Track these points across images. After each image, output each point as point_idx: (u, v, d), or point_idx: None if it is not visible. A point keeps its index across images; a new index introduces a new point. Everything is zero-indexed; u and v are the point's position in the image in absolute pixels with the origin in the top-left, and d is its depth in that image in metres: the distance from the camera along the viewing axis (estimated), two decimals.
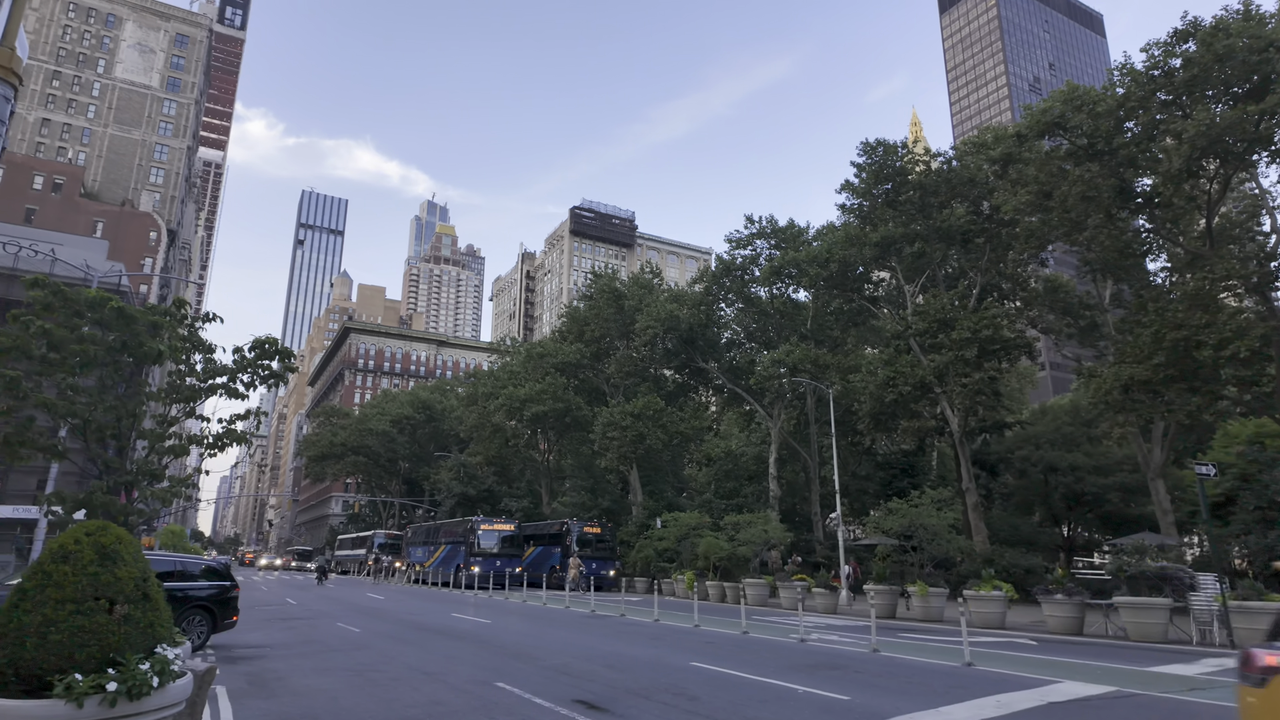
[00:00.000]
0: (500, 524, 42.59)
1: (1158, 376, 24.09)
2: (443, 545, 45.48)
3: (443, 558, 44.57)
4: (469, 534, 41.20)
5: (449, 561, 43.04)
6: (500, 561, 39.67)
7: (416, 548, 51.63)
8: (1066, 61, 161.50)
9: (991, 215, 33.27)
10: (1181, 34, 24.27)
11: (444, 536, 46.38)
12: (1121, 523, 38.19)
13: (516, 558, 41.35)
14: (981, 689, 9.94)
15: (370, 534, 66.77)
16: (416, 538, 53.03)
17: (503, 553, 40.78)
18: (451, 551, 43.40)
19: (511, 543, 42.01)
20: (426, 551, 48.22)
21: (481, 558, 39.67)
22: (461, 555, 41.19)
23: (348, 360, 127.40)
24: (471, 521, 41.81)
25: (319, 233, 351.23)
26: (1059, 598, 18.95)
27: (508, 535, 42.10)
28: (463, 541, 41.80)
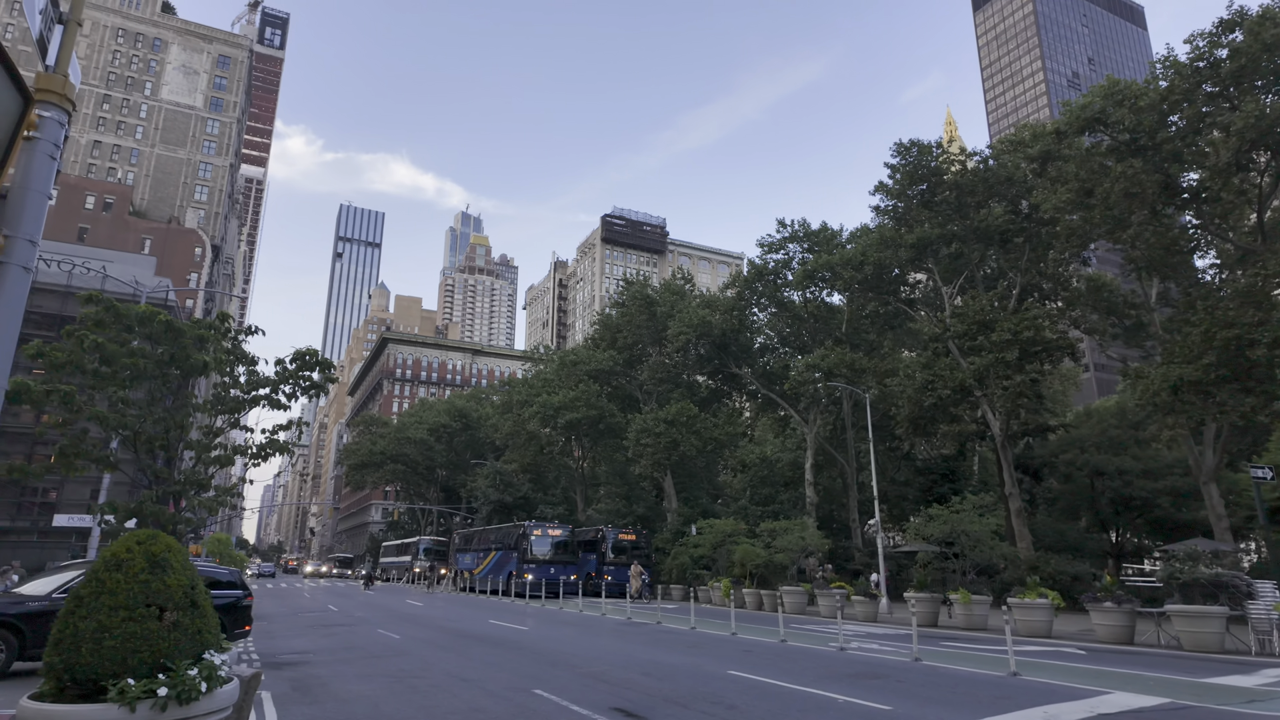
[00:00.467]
0: (554, 529, 40.85)
1: (1209, 377, 23.30)
2: (493, 551, 43.64)
3: (493, 565, 42.96)
4: (521, 539, 39.28)
5: (500, 568, 41.56)
6: (554, 569, 38.08)
7: (464, 554, 49.90)
8: (1106, 56, 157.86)
9: (1030, 214, 32.58)
10: (1227, 24, 23.55)
11: (494, 542, 44.46)
12: (1173, 528, 36.94)
13: (571, 565, 39.48)
14: (1028, 699, 9.69)
15: (415, 540, 65.80)
16: (464, 543, 51.32)
17: (556, 559, 39.08)
18: (503, 558, 41.66)
19: (565, 548, 40.14)
20: (475, 558, 46.59)
21: (534, 564, 38.11)
22: (513, 562, 39.41)
23: (386, 370, 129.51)
24: (524, 526, 39.90)
25: (357, 245, 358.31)
26: (1108, 606, 18.39)
27: (561, 540, 40.24)
28: (514, 547, 40.00)
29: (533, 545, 38.91)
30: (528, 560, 38.24)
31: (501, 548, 42.28)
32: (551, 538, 39.89)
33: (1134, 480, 37.34)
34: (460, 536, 52.91)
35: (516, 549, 39.48)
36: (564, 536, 40.47)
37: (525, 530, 39.38)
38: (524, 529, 39.53)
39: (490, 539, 45.41)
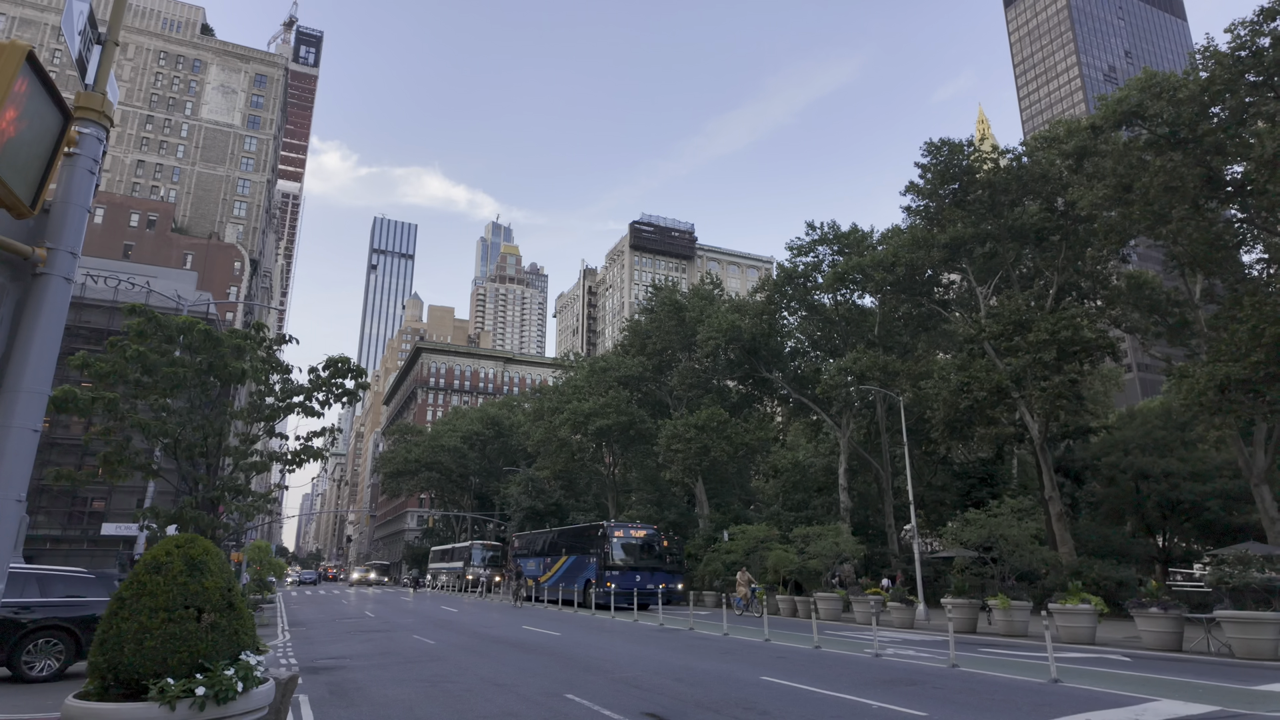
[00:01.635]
0: (637, 529, 36.19)
1: (1257, 375, 22.55)
2: (564, 556, 38.90)
3: (564, 571, 38.24)
4: (601, 541, 34.60)
5: (574, 575, 36.94)
6: (640, 576, 33.46)
7: (527, 559, 44.87)
8: (1143, 48, 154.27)
9: (1067, 211, 31.91)
10: (1269, 12, 22.87)
11: (565, 545, 39.64)
12: (1223, 532, 35.76)
13: (660, 571, 34.69)
14: (1070, 706, 9.45)
15: (468, 545, 62.06)
16: (525, 547, 46.39)
17: (642, 564, 34.22)
18: (576, 563, 37.16)
19: (650, 552, 35.21)
20: (541, 564, 41.69)
21: (617, 571, 33.37)
22: (591, 568, 34.90)
23: (420, 379, 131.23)
24: (604, 526, 35.35)
25: (391, 257, 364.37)
26: (1154, 611, 17.85)
27: (646, 543, 35.37)
28: (593, 551, 35.33)
29: (615, 549, 34.11)
30: (610, 566, 33.57)
31: (575, 552, 37.86)
32: (637, 540, 35.19)
33: (1181, 483, 36.24)
34: (521, 540, 48.21)
35: (595, 553, 35.00)
36: (650, 537, 35.89)
37: (606, 531, 34.76)
38: (604, 529, 35.02)
39: (560, 542, 40.84)
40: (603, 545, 34.37)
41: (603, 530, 34.93)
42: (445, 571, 65.53)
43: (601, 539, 34.68)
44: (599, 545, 34.71)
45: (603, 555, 34.13)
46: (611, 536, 34.40)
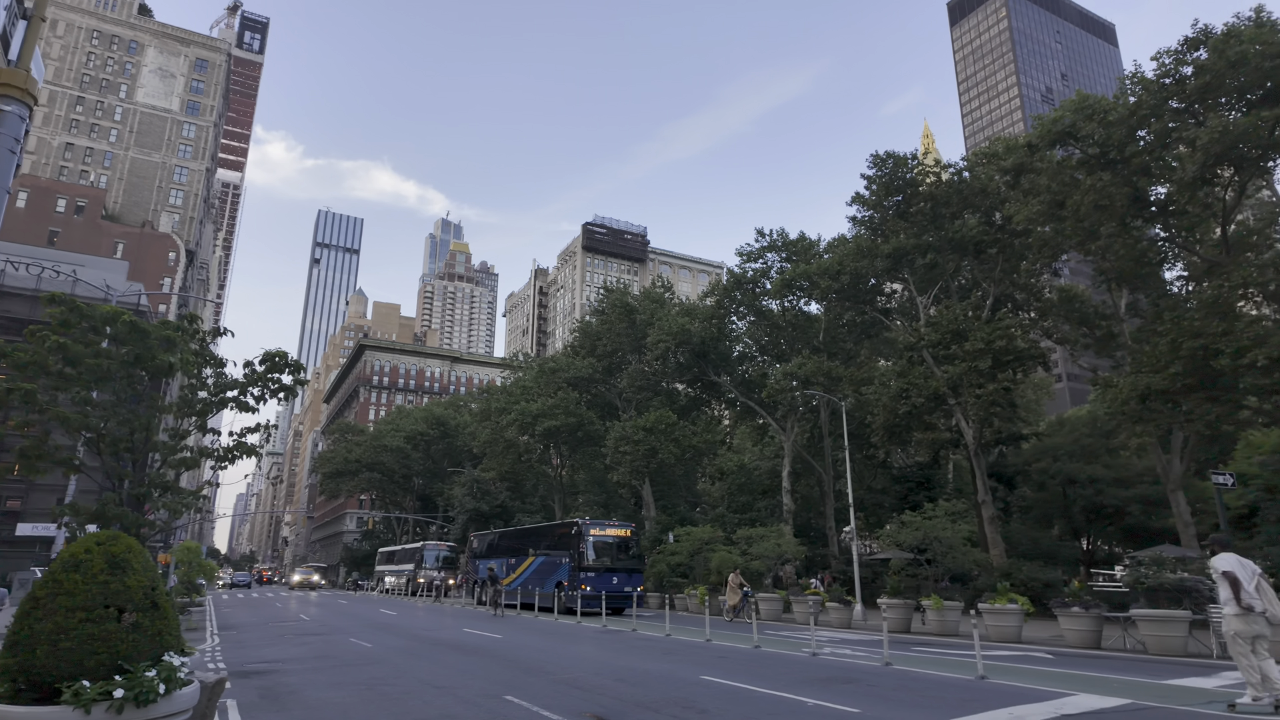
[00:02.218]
0: (615, 526, 33.87)
1: (1175, 386, 23.80)
2: (531, 557, 36.45)
3: (531, 573, 35.93)
4: (576, 540, 32.19)
5: (543, 577, 34.72)
6: (617, 577, 31.32)
7: (485, 560, 41.81)
8: (1079, 72, 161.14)
9: (1004, 226, 33.13)
10: (1193, 42, 24.18)
11: (533, 544, 37.15)
12: (1143, 535, 37.59)
13: (637, 572, 32.79)
14: (995, 701, 9.81)
15: (419, 546, 58.06)
16: (487, 548, 43.04)
17: (618, 565, 32.06)
18: (546, 564, 34.85)
19: (625, 551, 32.86)
20: (504, 565, 38.74)
21: (593, 572, 31.01)
22: (564, 569, 32.62)
23: (362, 377, 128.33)
24: (577, 523, 32.86)
25: (335, 252, 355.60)
26: (1076, 611, 18.66)
27: (622, 542, 33.02)
28: (565, 550, 32.98)
29: (590, 548, 31.79)
30: (585, 567, 31.23)
31: (545, 551, 35.54)
32: (613, 538, 32.75)
33: (1105, 488, 37.97)
34: (479, 540, 44.98)
35: (568, 553, 32.62)
36: (628, 537, 33.53)
37: (581, 528, 32.24)
38: (579, 526, 32.52)
39: (526, 541, 38.52)
40: (577, 544, 31.87)
41: (577, 528, 32.37)
42: (394, 574, 61.68)
43: (576, 538, 32.12)
44: (573, 544, 32.21)
45: (577, 555, 31.74)
46: (587, 535, 31.91)
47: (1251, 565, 9.76)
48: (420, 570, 54.47)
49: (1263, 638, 9.22)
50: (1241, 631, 9.31)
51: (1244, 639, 9.30)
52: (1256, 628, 9.24)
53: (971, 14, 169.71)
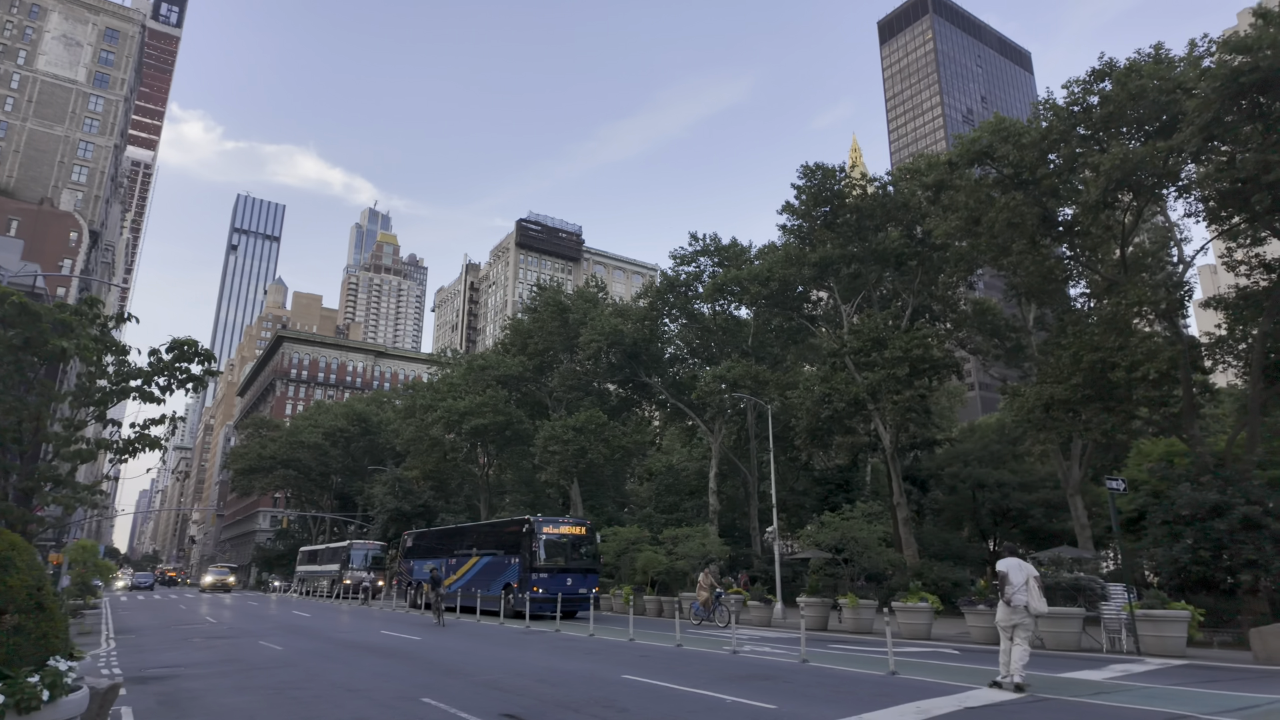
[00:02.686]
0: (569, 524, 31.50)
1: (1076, 396, 25.23)
2: (475, 557, 33.87)
3: (475, 574, 33.38)
4: (527, 538, 29.71)
5: (489, 579, 32.13)
6: (571, 578, 29.17)
7: (420, 560, 38.73)
8: (997, 95, 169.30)
9: (924, 239, 34.50)
10: (1099, 73, 25.69)
11: (477, 543, 34.54)
12: (1045, 537, 39.76)
13: (592, 573, 30.66)
14: (904, 696, 10.20)
15: (345, 545, 53.86)
16: (425, 547, 39.76)
17: (573, 565, 29.93)
18: (493, 564, 32.38)
19: (579, 550, 30.63)
20: (443, 566, 35.67)
21: (546, 573, 28.89)
22: (513, 570, 30.09)
23: (280, 370, 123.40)
24: (529, 521, 30.41)
25: (254, 238, 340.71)
26: (981, 608, 19.59)
27: (577, 540, 30.77)
28: (514, 550, 30.46)
29: (543, 546, 29.39)
30: (536, 569, 28.92)
31: (491, 551, 32.86)
32: (567, 536, 30.62)
33: (1011, 492, 40.03)
34: (415, 538, 41.54)
35: (518, 552, 30.12)
36: (583, 535, 31.25)
37: (533, 526, 29.88)
38: (531, 524, 30.10)
39: (469, 540, 35.70)
40: (529, 543, 29.44)
41: (529, 525, 30.00)
42: (317, 575, 57.06)
43: (527, 535, 29.70)
44: (523, 543, 29.78)
45: (529, 554, 29.28)
46: (540, 533, 29.61)
47: (1030, 568, 11.60)
48: (347, 571, 50.96)
49: (1022, 626, 11.07)
50: (1003, 620, 11.28)
51: (1004, 626, 11.24)
52: (1016, 618, 11.10)
53: (900, 34, 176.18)
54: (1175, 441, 29.35)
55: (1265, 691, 11.15)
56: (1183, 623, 16.63)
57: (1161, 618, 16.57)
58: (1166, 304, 26.02)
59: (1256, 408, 25.00)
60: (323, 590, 53.92)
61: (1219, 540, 20.31)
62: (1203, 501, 20.88)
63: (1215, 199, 24.03)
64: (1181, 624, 16.61)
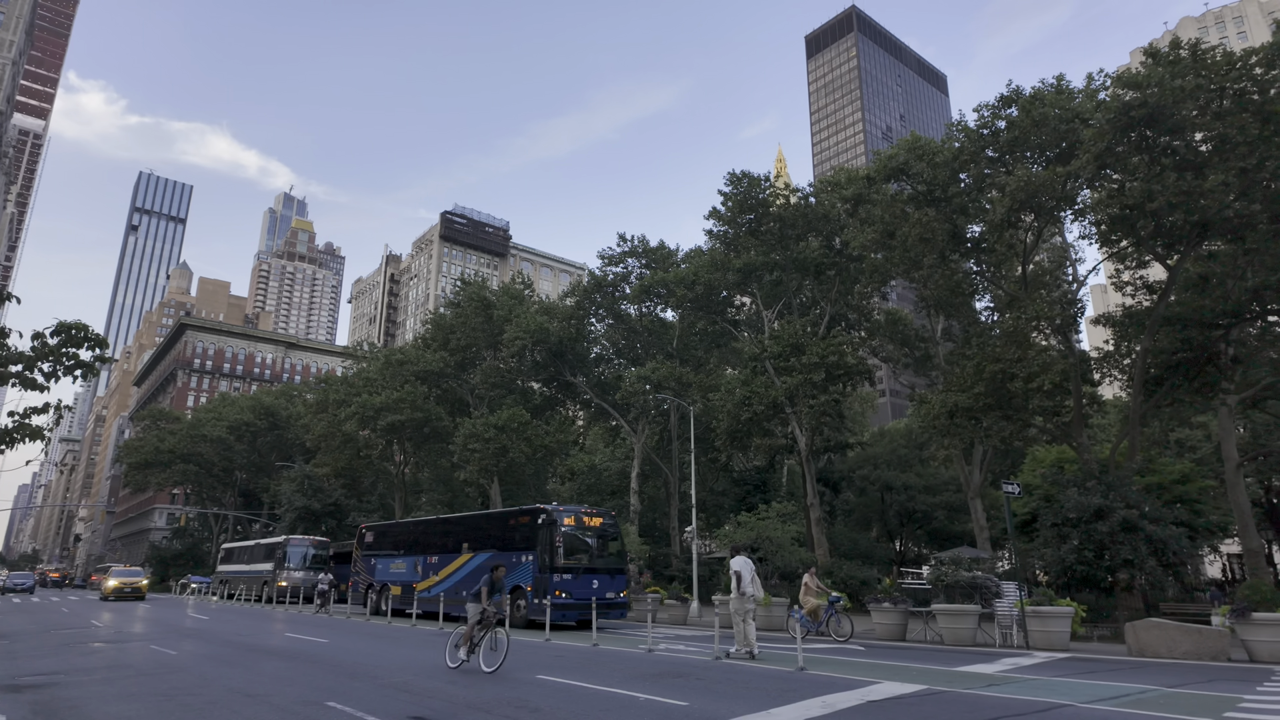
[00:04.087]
0: (591, 514, 25.92)
1: (978, 404, 26.62)
2: (467, 554, 27.87)
3: (467, 575, 27.02)
4: (544, 531, 24.21)
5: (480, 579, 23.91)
6: (598, 580, 23.91)
7: (385, 559, 32.83)
8: (915, 114, 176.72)
9: (842, 250, 35.72)
10: (1006, 100, 27.21)
11: (469, 538, 28.53)
12: (947, 538, 41.82)
13: (620, 573, 25.31)
14: (811, 691, 10.52)
15: (280, 541, 46.10)
16: (393, 542, 33.23)
17: (598, 564, 24.51)
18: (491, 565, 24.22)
19: (606, 546, 25.35)
20: (418, 566, 30.19)
21: (571, 574, 23.48)
22: (524, 571, 24.41)
23: (182, 359, 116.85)
24: (546, 511, 24.81)
25: (157, 219, 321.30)
26: (886, 606, 20.43)
27: (603, 534, 25.38)
28: (524, 545, 25.01)
29: (564, 541, 23.87)
30: (558, 568, 23.37)
31: (490, 547, 26.90)
32: (592, 529, 25.17)
33: (917, 495, 41.88)
34: (377, 533, 35.09)
35: (528, 548, 24.68)
36: (608, 526, 25.78)
37: (551, 516, 24.37)
38: (548, 514, 24.52)
39: (455, 534, 29.77)
40: (547, 537, 24.06)
41: (546, 516, 24.53)
42: (244, 576, 48.84)
43: (545, 528, 24.28)
44: (539, 537, 24.34)
45: (548, 551, 23.78)
46: (560, 525, 24.15)
47: (752, 565, 15.21)
48: (283, 571, 43.30)
49: (750, 611, 14.58)
50: (737, 609, 14.63)
51: (739, 614, 14.52)
52: (748, 606, 14.62)
53: (826, 49, 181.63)
54: (1066, 449, 31.35)
55: (1136, 681, 12.07)
56: (1067, 618, 17.77)
57: (1048, 614, 17.66)
58: (1061, 320, 27.76)
59: (1137, 419, 26.97)
60: (247, 594, 46.70)
61: (1101, 541, 21.82)
62: (1087, 505, 22.38)
63: (1106, 223, 25.76)
64: (1066, 619, 17.75)
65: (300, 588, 40.19)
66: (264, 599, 43.07)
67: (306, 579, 41.24)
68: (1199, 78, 21.54)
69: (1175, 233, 23.80)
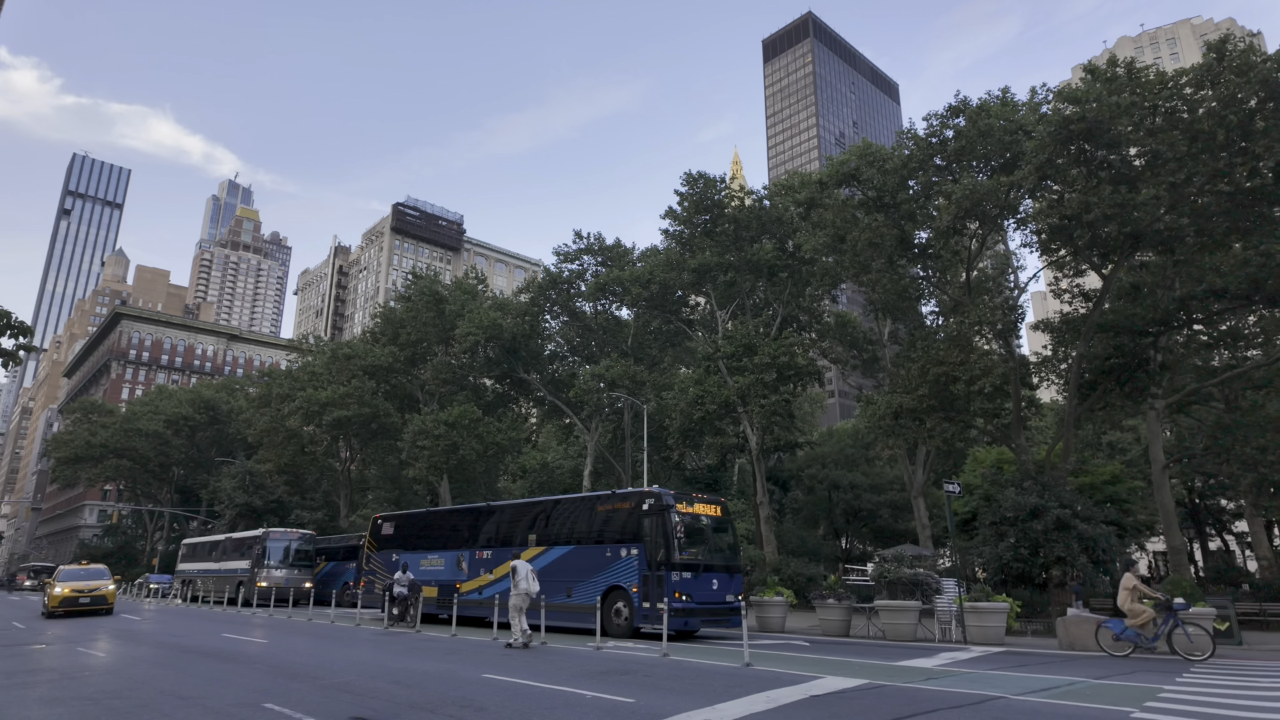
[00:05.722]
0: (706, 500, 21.87)
1: (922, 406, 27.33)
2: (536, 547, 23.17)
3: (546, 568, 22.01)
4: (651, 520, 20.13)
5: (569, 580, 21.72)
6: (718, 580, 20.31)
7: (428, 554, 27.47)
8: (867, 121, 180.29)
9: (794, 253, 36.26)
10: (954, 110, 27.94)
11: (540, 529, 23.78)
12: (891, 536, 42.85)
13: (739, 572, 21.61)
14: (756, 686, 10.67)
15: (258, 535, 39.46)
16: (425, 534, 28.62)
17: (717, 561, 20.79)
18: (578, 560, 21.92)
19: (723, 538, 21.69)
20: (470, 562, 25.54)
21: (689, 572, 19.58)
22: (625, 566, 20.34)
23: (117, 350, 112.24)
24: (656, 495, 20.54)
25: (91, 204, 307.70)
26: (831, 602, 20.84)
27: (720, 525, 21.72)
28: (622, 537, 20.83)
29: (680, 529, 19.93)
30: (674, 564, 19.41)
31: (568, 539, 22.65)
32: (708, 519, 21.30)
33: (863, 493, 42.79)
34: (396, 524, 30.32)
35: (630, 540, 20.55)
36: (723, 516, 22.06)
37: (662, 501, 20.29)
38: (658, 498, 20.41)
39: (519, 523, 24.87)
40: (658, 526, 19.88)
41: (655, 501, 20.33)
42: (213, 576, 42.45)
43: (654, 516, 20.10)
44: (647, 527, 20.17)
45: (661, 544, 19.64)
46: (671, 510, 20.06)
47: (529, 566, 18.10)
48: (263, 570, 37.48)
49: (521, 608, 17.22)
50: (517, 604, 17.26)
51: (517, 609, 17.18)
52: (524, 602, 17.35)
53: (783, 54, 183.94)
54: (1005, 450, 32.42)
55: (1064, 674, 12.56)
56: (1002, 613, 18.39)
57: (985, 609, 18.25)
58: (1003, 325, 28.68)
59: (1071, 421, 28.04)
60: (215, 595, 40.84)
61: (1036, 540, 22.63)
62: (1023, 505, 23.18)
63: (1046, 232, 26.71)
64: (1001, 615, 18.37)
65: (283, 588, 35.52)
66: (240, 602, 37.21)
67: (290, 578, 36.86)
68: (1134, 95, 22.49)
69: (1110, 243, 24.80)
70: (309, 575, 38.33)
